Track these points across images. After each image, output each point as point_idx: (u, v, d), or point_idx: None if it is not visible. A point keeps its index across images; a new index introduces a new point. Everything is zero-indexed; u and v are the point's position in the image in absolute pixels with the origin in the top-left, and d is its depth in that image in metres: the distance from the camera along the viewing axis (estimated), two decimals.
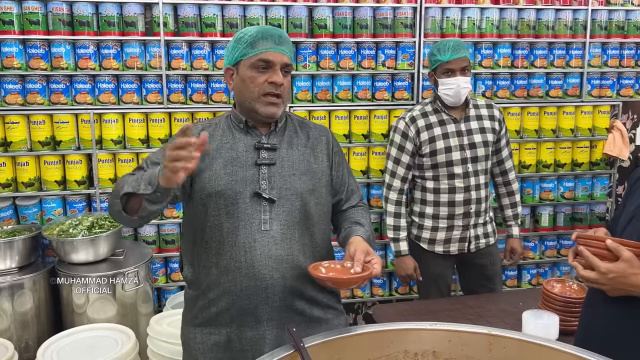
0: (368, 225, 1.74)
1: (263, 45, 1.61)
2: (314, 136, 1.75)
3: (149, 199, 1.44)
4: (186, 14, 3.21)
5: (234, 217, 1.59)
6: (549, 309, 2.13)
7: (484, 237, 2.77)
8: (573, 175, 3.75)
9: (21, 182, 3.18)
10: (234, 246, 1.59)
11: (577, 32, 3.60)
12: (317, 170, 1.70)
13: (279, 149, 1.66)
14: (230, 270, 1.60)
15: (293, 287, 1.62)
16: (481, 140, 2.69)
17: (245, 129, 1.68)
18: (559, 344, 1.35)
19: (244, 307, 1.61)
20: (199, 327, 1.68)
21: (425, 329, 1.48)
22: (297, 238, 1.63)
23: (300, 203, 1.64)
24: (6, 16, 3.03)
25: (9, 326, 2.81)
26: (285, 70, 1.64)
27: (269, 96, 1.61)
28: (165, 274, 3.45)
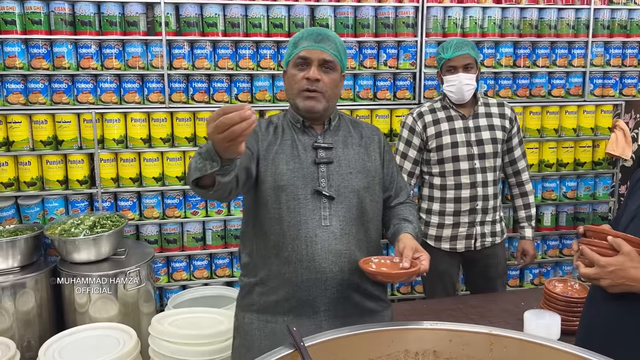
0: (415, 222, 1.82)
1: (303, 44, 1.70)
2: (367, 135, 1.83)
3: (219, 172, 1.38)
4: (188, 14, 3.22)
5: (295, 212, 1.67)
6: (550, 308, 2.12)
7: (491, 236, 2.75)
8: (575, 175, 3.74)
9: (23, 182, 3.19)
10: (295, 239, 1.67)
11: (580, 31, 3.59)
12: (371, 168, 1.78)
13: (335, 148, 1.75)
14: (292, 262, 1.67)
15: (350, 280, 1.69)
16: (489, 137, 2.68)
17: (302, 128, 1.76)
18: (561, 343, 1.34)
19: (303, 298, 1.69)
20: (255, 313, 1.75)
21: (426, 328, 1.47)
22: (354, 234, 1.71)
23: (357, 200, 1.72)
24: (8, 16, 3.04)
25: (11, 325, 2.82)
26: (326, 67, 1.69)
27: (306, 91, 1.69)
28: (167, 273, 3.45)
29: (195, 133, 3.33)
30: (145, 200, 3.34)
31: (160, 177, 3.32)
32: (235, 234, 3.46)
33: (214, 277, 3.50)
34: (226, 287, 3.42)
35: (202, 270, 3.47)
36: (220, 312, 2.78)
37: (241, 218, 3.42)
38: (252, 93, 3.37)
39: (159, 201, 3.36)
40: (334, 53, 1.70)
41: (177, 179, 3.33)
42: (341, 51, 1.74)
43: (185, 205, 3.40)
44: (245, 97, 3.34)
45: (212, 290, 3.38)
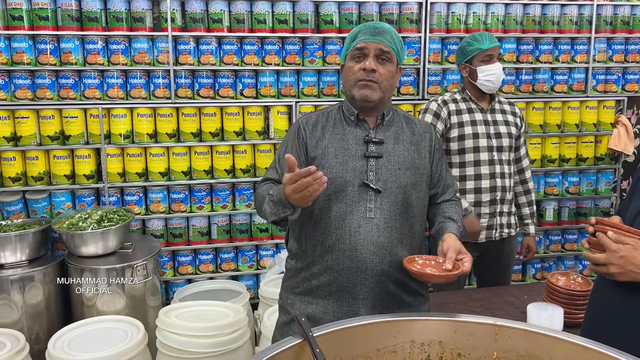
0: (460, 220, 1.85)
1: (360, 37, 1.73)
2: (419, 132, 1.84)
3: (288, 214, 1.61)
4: (193, 10, 3.24)
5: (342, 203, 1.72)
6: (553, 301, 2.15)
7: (507, 227, 2.82)
8: (578, 170, 3.76)
9: (31, 176, 3.22)
10: (340, 229, 1.72)
11: (583, 27, 3.60)
12: (420, 165, 1.80)
13: (386, 143, 1.77)
14: (335, 249, 1.73)
15: (389, 272, 1.73)
16: (506, 132, 2.76)
17: (355, 121, 1.78)
18: (564, 333, 1.37)
19: (343, 284, 1.74)
20: (298, 295, 1.82)
21: (431, 319, 1.50)
22: (397, 228, 1.74)
23: (403, 196, 1.75)
24: (16, 12, 3.06)
25: (20, 318, 2.85)
26: (383, 57, 1.71)
27: (363, 81, 1.71)
28: (173, 267, 3.48)
29: (200, 128, 3.35)
30: (152, 195, 3.37)
31: (166, 172, 3.35)
32: (240, 228, 3.49)
33: (219, 271, 3.53)
34: (231, 281, 3.45)
35: (208, 265, 3.50)
36: (226, 305, 2.81)
37: (246, 213, 3.47)
38: (257, 89, 3.39)
39: (164, 196, 3.38)
40: (390, 45, 1.72)
41: (183, 174, 3.35)
42: (398, 44, 1.75)
43: (190, 200, 3.43)
44: (250, 93, 3.37)
45: (217, 284, 3.42)
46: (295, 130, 1.82)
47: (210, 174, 3.41)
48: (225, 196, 3.45)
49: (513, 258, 2.98)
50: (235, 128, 3.37)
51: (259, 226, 3.51)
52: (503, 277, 2.92)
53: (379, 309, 1.74)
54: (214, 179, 3.41)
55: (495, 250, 2.85)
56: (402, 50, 1.80)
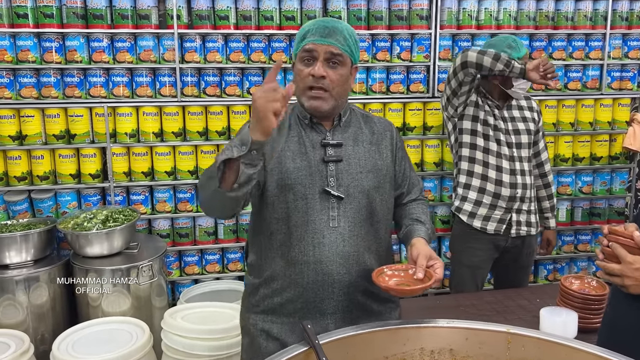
0: (428, 222, 1.76)
1: (310, 37, 1.59)
2: (379, 131, 1.75)
3: (245, 161, 1.38)
4: (200, 7, 3.19)
5: (302, 212, 1.61)
6: (567, 306, 2.09)
7: (526, 225, 2.79)
8: (592, 170, 3.68)
9: (36, 176, 3.19)
10: (302, 240, 1.61)
11: (597, 23, 3.52)
12: (382, 166, 1.71)
13: (345, 145, 1.67)
14: (298, 263, 1.62)
15: (357, 283, 1.65)
16: (524, 128, 2.75)
17: (310, 124, 1.68)
18: (579, 343, 1.32)
19: (309, 300, 1.64)
20: (260, 314, 1.70)
21: (441, 326, 1.46)
22: (363, 235, 1.66)
23: (367, 200, 1.66)
24: (21, 9, 3.03)
25: (25, 318, 2.83)
26: (334, 61, 1.58)
27: (312, 90, 1.59)
28: (179, 267, 3.45)
29: (207, 127, 3.31)
30: (158, 195, 3.34)
31: (172, 171, 3.31)
32: (247, 228, 3.44)
33: (225, 272, 3.50)
34: (238, 282, 3.42)
35: (214, 265, 3.47)
36: (232, 306, 2.78)
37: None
38: None
39: (171, 195, 3.35)
40: (342, 46, 1.58)
41: (189, 173, 3.32)
42: (351, 43, 1.61)
43: (197, 199, 3.40)
44: None
45: (224, 285, 3.38)
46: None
47: None
48: None
49: (532, 259, 2.96)
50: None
51: None
52: (520, 278, 2.90)
53: (348, 322, 1.63)
54: None
55: (514, 251, 2.83)
56: (357, 49, 1.66)
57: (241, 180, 1.41)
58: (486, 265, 2.86)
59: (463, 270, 2.85)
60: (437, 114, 3.45)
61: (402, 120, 3.43)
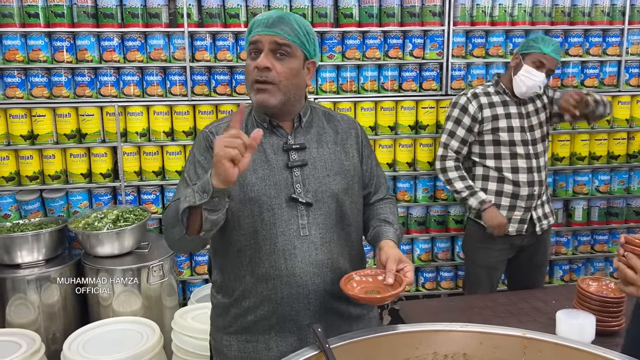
0: (396, 222, 1.68)
1: (255, 29, 1.49)
2: (343, 130, 1.65)
3: (207, 207, 1.34)
4: (210, 5, 3.17)
5: (270, 224, 1.51)
6: (584, 308, 2.03)
7: (545, 218, 2.79)
8: (609, 168, 3.61)
9: (48, 175, 3.20)
10: (272, 254, 1.52)
11: (615, 19, 3.45)
12: (349, 167, 1.62)
13: (309, 148, 1.57)
14: (270, 278, 1.53)
15: (333, 290, 1.55)
16: (537, 122, 2.74)
17: (269, 128, 1.57)
18: (600, 349, 1.28)
19: (284, 314, 1.55)
20: (234, 334, 1.61)
21: (455, 330, 1.42)
22: (335, 240, 1.57)
23: (336, 204, 1.57)
24: (32, 9, 3.04)
25: (36, 318, 2.84)
26: (281, 52, 1.47)
27: (258, 83, 1.47)
28: (190, 266, 3.44)
29: None
30: (168, 194, 3.32)
31: (183, 170, 3.29)
32: None
33: None
34: None
35: None
36: None
37: None
38: None
39: None
40: (288, 37, 1.46)
41: None
42: (301, 34, 1.49)
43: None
44: None
45: None
46: (205, 142, 1.56)
47: None
48: None
49: (547, 258, 2.93)
50: None
51: None
52: (535, 279, 2.86)
53: (329, 331, 1.49)
54: None
55: (530, 250, 2.80)
56: (311, 42, 1.52)
57: (206, 227, 1.37)
58: (501, 265, 2.82)
59: (478, 271, 2.81)
60: None
61: (415, 118, 3.39)
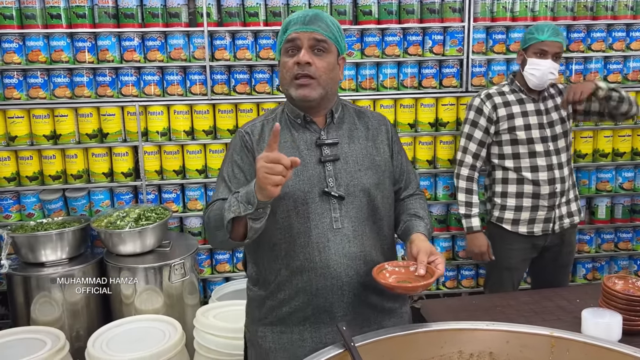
0: (427, 217, 1.71)
1: (292, 27, 1.56)
2: (374, 126, 1.70)
3: (252, 217, 1.41)
4: (229, 4, 3.18)
5: (304, 217, 1.56)
6: (610, 307, 2.00)
7: (568, 217, 2.75)
8: (633, 165, 3.55)
9: (70, 174, 3.24)
10: (306, 246, 1.57)
11: (639, 13, 3.39)
12: (380, 162, 1.66)
13: (341, 143, 1.62)
14: (304, 270, 1.57)
15: (366, 283, 1.59)
16: (558, 118, 2.69)
17: (303, 124, 1.63)
18: (630, 348, 1.26)
19: (319, 306, 1.59)
20: (269, 326, 1.66)
21: (481, 329, 1.41)
22: (367, 233, 1.61)
23: (368, 198, 1.61)
24: (54, 10, 3.07)
25: (60, 316, 2.87)
26: (319, 48, 1.54)
27: (298, 78, 1.54)
28: (210, 265, 3.46)
29: (237, 125, 3.30)
30: (189, 193, 3.34)
31: (203, 169, 3.32)
32: None
33: None
34: None
35: None
36: None
37: None
38: None
39: (202, 193, 3.36)
40: (325, 33, 1.54)
41: None
42: (335, 31, 1.57)
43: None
44: None
45: None
46: (241, 142, 1.63)
47: None
48: None
49: (572, 257, 2.89)
50: None
51: None
52: (560, 278, 2.83)
53: (360, 323, 1.60)
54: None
55: (554, 250, 2.77)
56: (342, 39, 1.62)
57: (251, 235, 1.45)
58: (523, 265, 2.80)
59: (500, 273, 2.79)
60: None
61: (435, 115, 3.36)
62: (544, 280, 2.84)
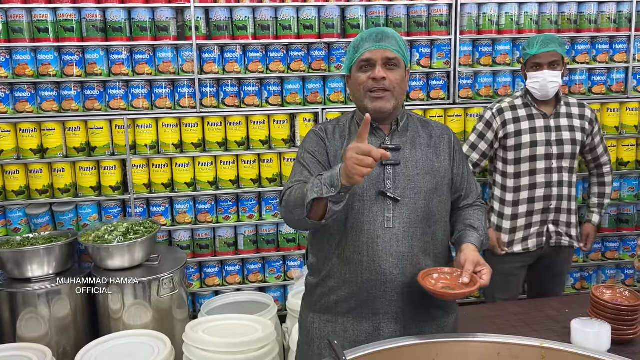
0: (482, 228, 1.78)
1: (364, 47, 1.68)
2: (437, 135, 1.79)
3: (333, 200, 1.49)
4: (218, 18, 3.20)
5: (359, 213, 1.66)
6: (599, 317, 2.01)
7: (567, 235, 2.75)
8: (619, 175, 3.59)
9: (57, 189, 3.21)
10: (357, 240, 1.66)
11: (622, 26, 3.46)
12: (440, 168, 1.74)
13: (403, 149, 1.72)
14: (353, 262, 1.67)
15: (411, 284, 1.65)
16: (569, 138, 2.68)
17: (370, 130, 1.71)
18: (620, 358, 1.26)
19: (362, 299, 1.68)
20: (318, 313, 1.76)
21: (472, 340, 1.41)
22: (418, 236, 1.68)
23: (424, 202, 1.69)
24: (41, 24, 3.06)
25: (47, 332, 2.83)
26: (391, 64, 1.67)
27: (374, 91, 1.66)
28: (199, 278, 3.44)
29: (226, 137, 3.30)
30: (178, 206, 3.33)
31: (192, 182, 3.31)
32: (267, 238, 3.43)
33: (246, 283, 3.47)
34: (258, 293, 3.39)
35: (235, 276, 3.45)
36: (254, 319, 2.74)
37: (272, 223, 3.41)
38: (282, 96, 3.33)
39: (191, 206, 3.34)
40: (396, 50, 1.67)
41: (209, 184, 3.31)
42: (402, 47, 1.71)
43: (217, 210, 3.38)
44: (276, 101, 3.31)
45: (244, 296, 3.36)
46: (317, 136, 1.77)
47: (237, 184, 3.36)
48: (252, 206, 3.39)
49: (567, 267, 2.91)
50: (261, 137, 3.31)
51: (285, 236, 3.44)
52: (554, 287, 2.84)
53: (402, 323, 1.67)
54: (240, 189, 3.36)
55: (548, 259, 2.78)
56: (407, 53, 1.76)
57: (328, 216, 1.53)
58: (520, 272, 2.80)
59: (496, 278, 2.77)
60: (459, 121, 3.41)
61: None
62: (538, 288, 2.86)
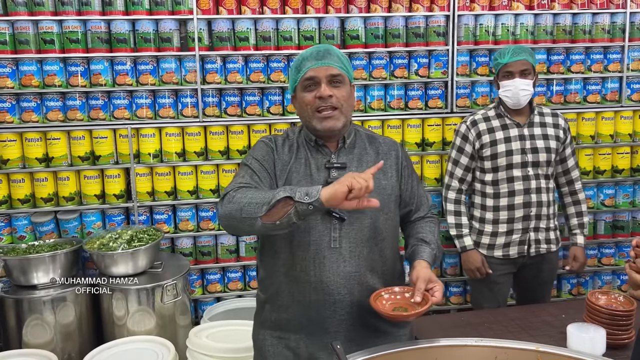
0: (434, 241, 1.78)
1: (306, 65, 1.67)
2: (384, 151, 1.78)
3: (298, 210, 1.44)
4: (220, 29, 3.25)
5: (304, 233, 1.64)
6: (594, 322, 2.06)
7: (546, 243, 2.79)
8: (613, 182, 3.65)
9: (62, 197, 3.26)
10: (304, 260, 1.65)
11: (615, 36, 3.52)
12: (387, 186, 1.73)
13: (349, 167, 1.70)
14: (300, 281, 1.66)
15: (360, 303, 1.66)
16: (544, 146, 2.72)
17: (315, 146, 1.73)
18: None
19: (312, 318, 1.68)
20: (269, 330, 1.75)
21: (470, 345, 1.46)
22: (365, 255, 1.68)
23: (370, 220, 1.68)
24: (47, 35, 3.12)
25: (52, 338, 2.87)
26: (335, 81, 1.66)
27: (322, 111, 1.65)
28: (202, 285, 3.48)
29: (228, 146, 3.36)
30: (180, 213, 3.38)
31: (194, 190, 3.36)
32: None
33: (247, 289, 3.52)
34: None
35: (236, 282, 3.49)
36: None
37: None
38: (283, 106, 3.39)
39: (193, 214, 3.39)
40: (339, 66, 1.66)
41: (211, 192, 3.36)
42: (345, 63, 1.70)
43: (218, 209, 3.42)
44: (277, 110, 3.36)
45: (246, 302, 3.39)
46: (267, 146, 1.73)
47: None
48: None
49: (553, 274, 2.95)
50: None
51: None
52: (542, 294, 2.88)
53: (356, 342, 1.65)
54: None
55: (533, 267, 2.81)
56: (351, 68, 1.75)
57: (283, 221, 1.46)
58: (504, 279, 2.84)
59: (481, 286, 2.85)
60: None
61: (421, 135, 3.44)
62: (527, 296, 2.90)
